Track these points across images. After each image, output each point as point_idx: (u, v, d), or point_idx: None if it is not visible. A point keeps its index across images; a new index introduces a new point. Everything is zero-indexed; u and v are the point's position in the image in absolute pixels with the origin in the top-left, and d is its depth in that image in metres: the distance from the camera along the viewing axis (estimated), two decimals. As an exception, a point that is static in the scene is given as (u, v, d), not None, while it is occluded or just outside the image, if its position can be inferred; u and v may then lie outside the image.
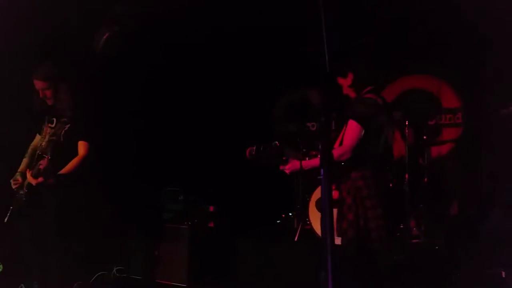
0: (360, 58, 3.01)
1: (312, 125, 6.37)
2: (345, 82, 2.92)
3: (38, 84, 3.46)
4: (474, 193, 5.17)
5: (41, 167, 3.29)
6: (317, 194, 4.96)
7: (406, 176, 4.83)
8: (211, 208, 4.91)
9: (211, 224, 4.67)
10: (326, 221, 1.47)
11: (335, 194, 2.77)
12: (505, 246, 3.82)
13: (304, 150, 5.04)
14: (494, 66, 5.18)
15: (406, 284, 3.77)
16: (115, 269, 4.33)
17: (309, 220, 4.97)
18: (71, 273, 3.70)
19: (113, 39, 3.97)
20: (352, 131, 2.66)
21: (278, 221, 5.78)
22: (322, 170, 1.57)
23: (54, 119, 3.55)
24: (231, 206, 5.22)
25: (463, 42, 5.26)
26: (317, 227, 4.84)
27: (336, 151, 2.66)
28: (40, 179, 3.34)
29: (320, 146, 1.60)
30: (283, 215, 5.74)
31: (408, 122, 4.97)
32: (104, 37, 3.91)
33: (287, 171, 2.92)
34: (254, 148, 2.98)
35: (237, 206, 5.42)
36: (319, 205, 4.86)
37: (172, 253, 4.31)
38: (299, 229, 5.03)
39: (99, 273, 4.20)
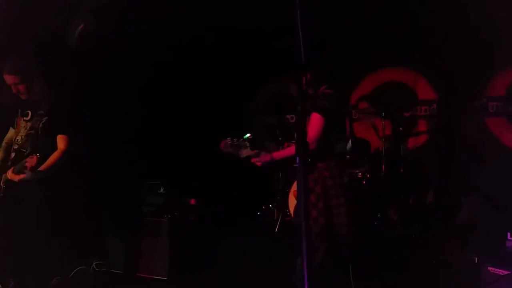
0: (320, 57, 3.10)
1: (291, 117, 6.42)
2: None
3: (9, 79, 3.33)
4: (448, 183, 5.30)
5: (27, 164, 3.20)
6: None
7: (383, 167, 4.93)
8: (192, 201, 4.90)
9: (192, 217, 4.66)
10: (301, 207, 1.50)
11: None
12: (477, 233, 3.96)
13: (280, 139, 5.09)
14: (468, 59, 5.31)
15: (384, 271, 3.86)
16: (94, 263, 4.29)
17: (289, 212, 5.02)
18: (49, 269, 3.66)
19: (89, 30, 3.90)
20: (315, 123, 2.79)
21: (258, 213, 5.83)
22: (297, 158, 1.61)
23: (29, 112, 3.47)
24: (211, 199, 5.23)
25: (439, 36, 5.37)
26: (296, 218, 4.89)
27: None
28: (23, 176, 3.28)
29: (296, 134, 1.63)
30: (264, 207, 5.79)
31: (384, 114, 5.06)
32: (79, 28, 3.84)
33: (258, 164, 2.97)
34: (228, 140, 3.01)
35: (218, 198, 5.44)
36: (298, 196, 4.91)
37: (152, 246, 4.29)
38: (279, 220, 5.08)
39: (78, 268, 4.15)
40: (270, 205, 5.67)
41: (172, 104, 5.64)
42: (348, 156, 4.74)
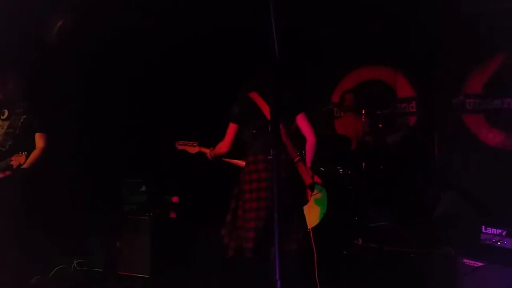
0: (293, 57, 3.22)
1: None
2: None
3: None
4: (427, 178, 5.40)
5: (13, 163, 3.19)
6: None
7: (363, 163, 5.00)
8: (174, 199, 4.89)
9: (173, 215, 4.66)
10: (275, 199, 1.53)
11: None
12: (454, 227, 4.05)
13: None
14: (446, 57, 5.42)
15: (363, 265, 3.92)
16: (75, 262, 4.26)
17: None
18: (29, 268, 3.63)
19: (68, 27, 3.87)
20: (227, 130, 3.02)
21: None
22: (271, 151, 1.64)
23: (6, 111, 3.45)
24: (192, 196, 5.23)
25: (417, 34, 5.46)
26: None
27: (217, 146, 3.10)
28: (8, 173, 3.25)
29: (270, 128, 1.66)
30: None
31: (364, 111, 5.13)
32: (58, 25, 3.81)
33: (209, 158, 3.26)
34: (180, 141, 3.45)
35: (200, 196, 5.43)
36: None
37: (134, 244, 4.28)
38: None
39: (58, 267, 4.12)
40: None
41: (154, 102, 5.62)
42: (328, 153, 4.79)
